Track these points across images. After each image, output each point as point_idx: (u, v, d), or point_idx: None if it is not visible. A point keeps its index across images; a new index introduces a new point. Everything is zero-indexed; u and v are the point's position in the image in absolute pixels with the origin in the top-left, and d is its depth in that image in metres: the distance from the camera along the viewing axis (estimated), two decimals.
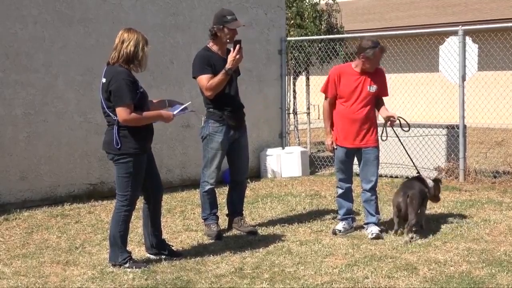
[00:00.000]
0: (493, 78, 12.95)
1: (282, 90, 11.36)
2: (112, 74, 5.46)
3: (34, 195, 8.37)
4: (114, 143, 5.47)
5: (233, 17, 6.60)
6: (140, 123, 5.50)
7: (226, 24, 6.53)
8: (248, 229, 6.81)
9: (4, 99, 8.15)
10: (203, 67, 6.49)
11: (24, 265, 5.75)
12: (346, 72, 6.78)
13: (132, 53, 5.47)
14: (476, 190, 9.02)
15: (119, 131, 5.47)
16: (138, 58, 5.51)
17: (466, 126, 10.02)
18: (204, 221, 6.77)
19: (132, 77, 5.52)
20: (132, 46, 5.47)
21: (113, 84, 5.42)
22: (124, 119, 5.41)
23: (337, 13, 14.05)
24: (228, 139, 6.65)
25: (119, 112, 5.41)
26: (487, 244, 6.24)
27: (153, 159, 5.82)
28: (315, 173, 11.00)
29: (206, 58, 6.55)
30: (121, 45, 5.49)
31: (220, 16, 6.59)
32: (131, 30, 5.57)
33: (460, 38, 9.68)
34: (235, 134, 6.69)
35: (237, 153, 6.79)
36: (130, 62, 5.51)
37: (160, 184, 5.91)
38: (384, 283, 5.17)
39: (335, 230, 6.81)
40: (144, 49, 5.53)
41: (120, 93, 5.40)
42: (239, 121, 6.73)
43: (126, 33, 5.54)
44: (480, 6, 21.85)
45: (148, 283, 5.21)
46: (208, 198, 6.72)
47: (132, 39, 5.49)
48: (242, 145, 6.82)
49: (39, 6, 8.40)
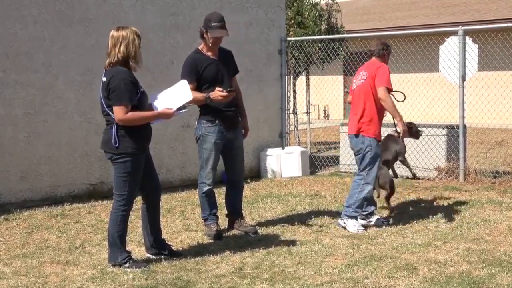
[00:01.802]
0: (493, 78, 12.96)
1: (282, 90, 11.36)
2: (113, 73, 5.46)
3: (34, 195, 8.37)
4: (112, 142, 5.46)
5: (218, 24, 6.47)
6: (136, 122, 5.48)
7: (209, 30, 6.47)
8: (248, 229, 6.82)
9: (4, 99, 8.15)
10: (187, 74, 6.42)
11: (24, 265, 5.74)
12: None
13: (125, 54, 5.46)
14: (476, 190, 9.02)
15: (118, 130, 5.46)
16: (132, 56, 5.50)
17: (466, 126, 10.02)
18: (204, 221, 6.77)
19: (133, 77, 5.51)
20: (124, 47, 5.45)
21: (112, 83, 5.42)
22: (119, 119, 5.40)
23: (337, 13, 14.05)
24: (221, 139, 6.61)
25: (115, 111, 5.41)
26: (487, 244, 6.24)
27: (151, 159, 5.81)
28: (315, 173, 11.00)
29: (193, 63, 6.50)
30: (113, 49, 5.47)
31: (207, 20, 6.54)
32: (119, 29, 5.52)
33: (460, 38, 9.68)
34: (228, 134, 6.65)
35: (232, 153, 6.76)
36: (126, 62, 5.51)
37: (158, 184, 5.90)
38: (384, 283, 5.17)
39: (382, 220, 7.08)
40: (135, 42, 5.48)
41: (119, 92, 5.40)
42: (231, 121, 6.67)
43: (115, 32, 5.49)
44: (480, 6, 21.86)
45: (148, 283, 5.21)
46: (207, 199, 6.72)
47: (122, 40, 5.44)
48: (237, 145, 6.78)
49: (39, 6, 8.40)
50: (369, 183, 6.88)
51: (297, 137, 13.65)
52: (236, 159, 6.82)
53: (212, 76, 6.52)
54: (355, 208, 6.87)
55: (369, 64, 7.04)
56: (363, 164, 6.87)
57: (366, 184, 6.87)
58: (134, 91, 5.47)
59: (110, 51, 5.49)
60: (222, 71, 6.60)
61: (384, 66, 6.92)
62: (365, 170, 6.87)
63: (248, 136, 7.05)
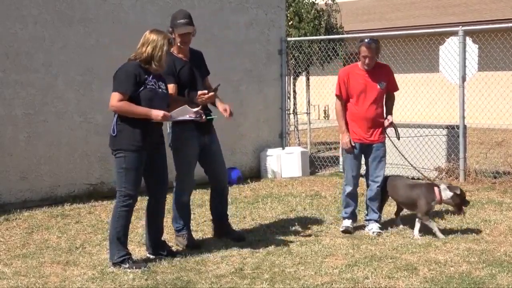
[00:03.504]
0: (493, 79, 12.94)
1: (282, 90, 11.36)
2: (123, 64, 5.67)
3: (34, 195, 8.37)
4: (111, 131, 5.61)
5: (183, 21, 6.17)
6: (127, 113, 5.53)
7: (175, 28, 6.18)
8: (235, 235, 6.57)
9: (4, 99, 8.14)
10: (166, 76, 6.02)
11: (24, 265, 5.74)
12: (353, 72, 6.86)
13: (149, 55, 5.60)
14: (476, 191, 9.02)
15: (117, 122, 5.58)
16: (156, 60, 5.62)
17: (466, 127, 10.02)
18: (178, 231, 6.41)
19: (139, 71, 5.57)
20: (151, 49, 5.60)
21: (117, 72, 5.63)
22: (111, 104, 5.54)
23: (336, 13, 14.05)
24: (197, 145, 6.28)
25: (111, 97, 5.56)
26: (487, 245, 6.24)
27: (162, 159, 5.81)
28: (315, 173, 10.99)
29: (170, 65, 6.06)
30: (141, 47, 5.64)
31: (172, 18, 6.28)
32: (153, 32, 5.68)
33: (460, 38, 9.68)
34: (203, 139, 6.31)
35: (210, 159, 6.42)
36: (148, 63, 5.63)
37: (164, 184, 5.89)
38: (384, 283, 5.17)
39: (348, 228, 6.84)
40: (163, 48, 5.62)
41: (118, 80, 5.58)
42: (206, 125, 6.24)
43: (148, 33, 5.68)
44: (480, 7, 21.85)
45: (148, 283, 5.21)
46: (185, 209, 6.40)
47: (151, 42, 5.60)
48: (214, 150, 6.43)
49: (39, 6, 8.39)
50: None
51: (297, 137, 13.64)
52: (215, 164, 6.47)
53: (187, 79, 6.25)
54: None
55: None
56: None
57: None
58: (134, 84, 5.54)
59: (138, 48, 5.68)
60: (195, 73, 6.32)
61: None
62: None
63: (248, 136, 7.02)
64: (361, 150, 6.88)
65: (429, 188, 6.65)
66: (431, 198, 6.56)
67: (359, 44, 6.77)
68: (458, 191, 6.57)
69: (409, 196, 6.74)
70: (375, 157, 6.86)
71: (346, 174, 6.97)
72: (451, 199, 6.59)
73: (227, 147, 10.13)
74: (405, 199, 6.83)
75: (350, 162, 6.90)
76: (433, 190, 6.58)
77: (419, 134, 10.05)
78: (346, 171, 6.98)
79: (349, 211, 6.95)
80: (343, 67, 7.23)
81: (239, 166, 10.44)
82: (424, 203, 6.56)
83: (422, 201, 6.57)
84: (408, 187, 6.82)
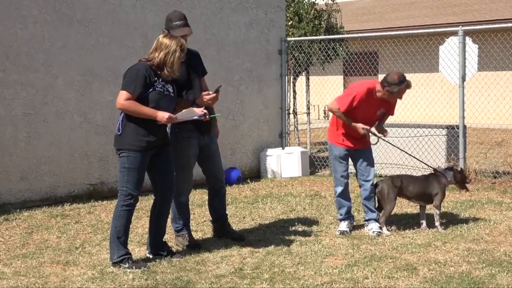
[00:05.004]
0: (493, 79, 12.96)
1: (282, 90, 11.36)
2: (134, 63, 5.69)
3: (34, 195, 8.37)
4: (116, 129, 5.62)
5: (179, 22, 6.20)
6: (133, 113, 5.53)
7: (171, 30, 6.15)
8: (235, 235, 6.58)
9: (4, 99, 8.15)
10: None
11: (24, 265, 5.75)
12: (371, 95, 6.72)
13: (162, 61, 5.62)
14: (476, 191, 9.02)
15: (123, 120, 5.59)
16: (168, 65, 5.63)
17: (466, 127, 10.01)
18: (178, 232, 6.42)
19: (149, 73, 5.58)
20: (163, 55, 5.61)
21: (127, 71, 5.65)
22: (117, 102, 5.55)
23: (336, 13, 14.05)
24: (196, 145, 6.29)
25: (119, 94, 5.57)
26: (487, 245, 6.24)
27: (167, 160, 5.82)
28: (315, 173, 11.00)
29: None
30: (154, 52, 5.66)
31: (167, 20, 6.28)
32: (166, 37, 5.70)
33: (460, 38, 9.68)
34: (203, 140, 6.32)
35: (209, 159, 6.43)
36: (161, 68, 5.64)
37: (170, 186, 5.87)
38: (384, 283, 5.17)
39: (344, 232, 6.81)
40: (175, 54, 5.62)
41: (128, 79, 5.58)
42: (205, 125, 6.26)
43: (162, 38, 5.69)
44: (480, 7, 21.86)
45: (148, 283, 5.21)
46: (184, 209, 6.40)
47: (164, 48, 5.62)
48: (213, 150, 6.44)
49: (39, 6, 8.40)
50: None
51: (297, 137, 13.65)
52: (214, 165, 6.48)
53: (183, 80, 6.17)
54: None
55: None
56: None
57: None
58: (144, 85, 5.54)
59: (151, 52, 5.70)
60: (192, 74, 6.30)
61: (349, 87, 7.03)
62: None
63: (248, 136, 7.02)
64: (349, 154, 6.94)
65: (436, 177, 7.00)
66: (443, 185, 6.96)
67: (405, 81, 6.63)
68: (459, 168, 7.11)
69: (423, 191, 6.94)
70: (364, 158, 6.92)
71: (335, 175, 7.01)
72: (453, 178, 7.03)
73: (227, 147, 10.15)
74: (419, 195, 6.97)
75: (337, 163, 6.93)
76: (440, 178, 6.98)
77: (419, 134, 10.05)
78: (334, 172, 7.03)
79: (344, 212, 6.95)
80: (360, 83, 6.93)
81: (239, 166, 10.44)
82: (440, 193, 6.93)
83: (436, 191, 6.91)
84: (418, 182, 6.99)
